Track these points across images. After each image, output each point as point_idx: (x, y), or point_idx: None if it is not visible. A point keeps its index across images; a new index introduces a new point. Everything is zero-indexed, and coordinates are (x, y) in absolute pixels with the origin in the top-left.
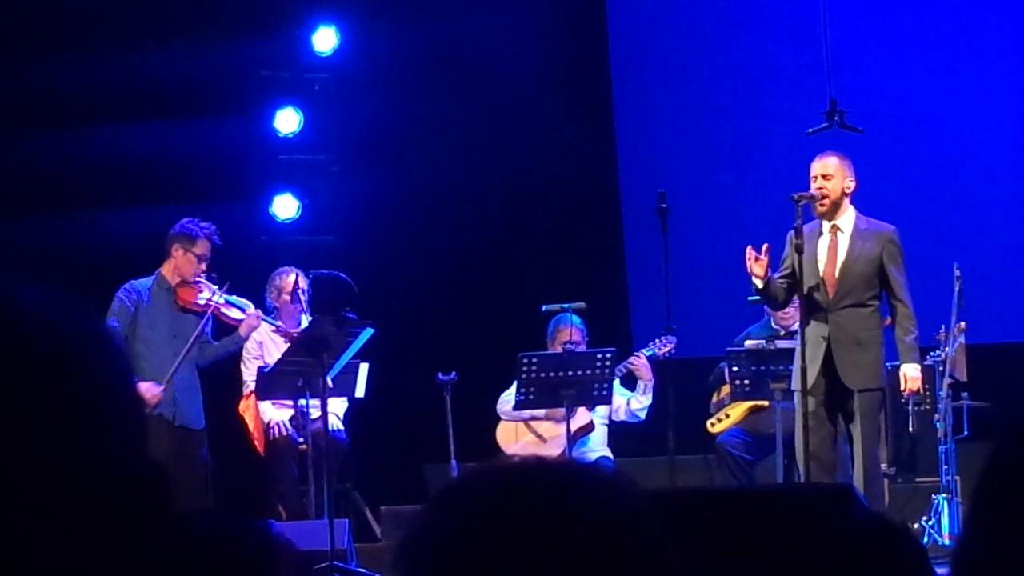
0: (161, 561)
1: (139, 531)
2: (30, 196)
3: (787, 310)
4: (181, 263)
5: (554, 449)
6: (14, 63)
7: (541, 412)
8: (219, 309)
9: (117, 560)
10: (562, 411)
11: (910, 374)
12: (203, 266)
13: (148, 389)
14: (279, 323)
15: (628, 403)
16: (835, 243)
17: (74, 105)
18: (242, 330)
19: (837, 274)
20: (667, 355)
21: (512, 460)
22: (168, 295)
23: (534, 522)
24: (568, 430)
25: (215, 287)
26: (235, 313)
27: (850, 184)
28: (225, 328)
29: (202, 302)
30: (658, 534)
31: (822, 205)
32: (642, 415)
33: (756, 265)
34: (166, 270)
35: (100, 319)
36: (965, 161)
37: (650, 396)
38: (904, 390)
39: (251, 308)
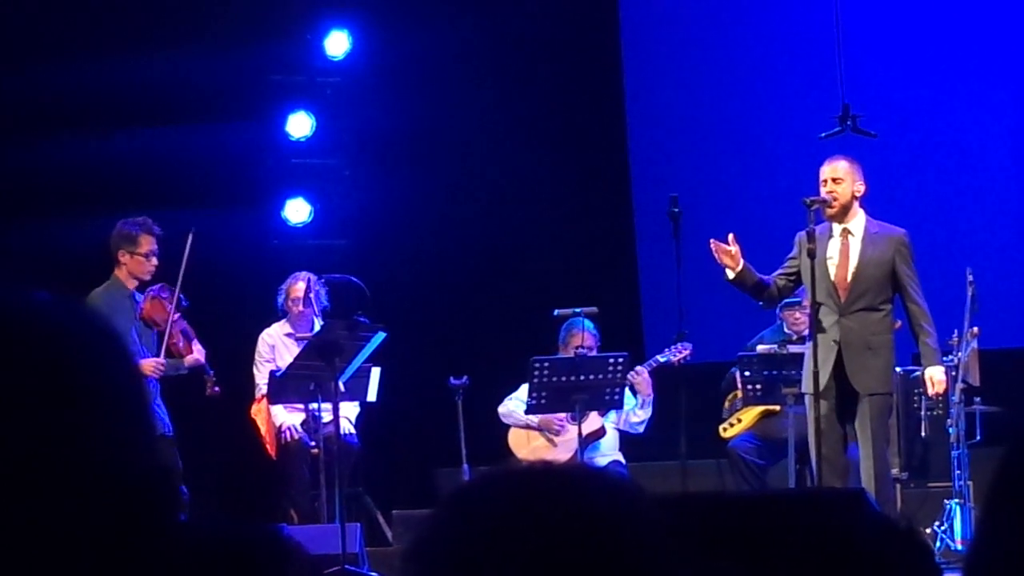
0: (169, 564)
1: (145, 534)
2: (43, 200)
3: (798, 315)
4: (132, 266)
5: (565, 453)
6: (28, 68)
7: (535, 420)
8: (173, 332)
9: (124, 562)
10: (557, 425)
11: (936, 377)
12: (154, 260)
13: (147, 363)
14: (211, 371)
15: (627, 416)
16: (846, 247)
17: (86, 110)
18: (188, 361)
19: (850, 278)
20: (682, 361)
21: (521, 465)
22: (130, 303)
23: (542, 527)
24: (580, 434)
25: (179, 313)
26: (187, 346)
27: (860, 187)
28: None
29: (163, 323)
30: (664, 539)
31: (832, 208)
32: (640, 428)
33: (724, 256)
34: (121, 276)
35: (110, 323)
36: (978, 166)
37: (649, 410)
38: (932, 393)
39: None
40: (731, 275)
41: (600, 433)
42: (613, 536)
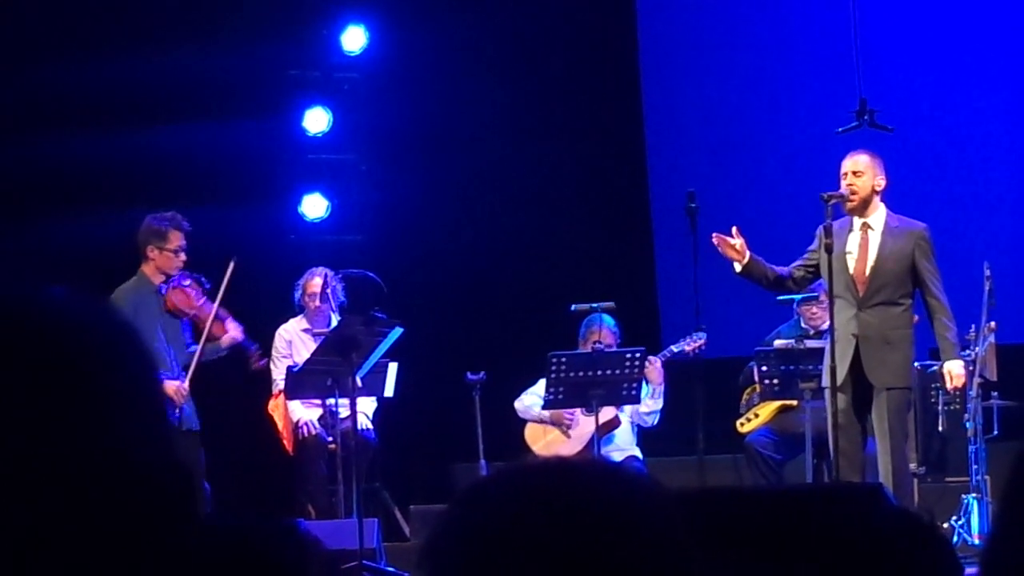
0: (186, 559)
1: (162, 530)
2: (61, 196)
3: (815, 310)
4: (161, 262)
5: (579, 446)
6: (45, 64)
7: (548, 414)
8: (203, 317)
9: (140, 558)
10: (567, 419)
11: (955, 371)
12: (183, 256)
13: (171, 385)
14: (252, 345)
15: (637, 407)
16: (866, 241)
17: (103, 106)
18: (224, 341)
19: (868, 272)
20: (697, 351)
21: (537, 460)
22: (156, 298)
23: (557, 522)
24: (596, 423)
25: (204, 297)
26: (219, 327)
27: (880, 182)
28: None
29: (190, 310)
30: (680, 534)
31: (851, 201)
32: (651, 420)
33: (728, 249)
34: (148, 271)
35: (127, 319)
36: (995, 160)
37: (660, 401)
38: (950, 387)
39: (233, 324)
40: (738, 268)
41: (615, 423)
42: (629, 531)
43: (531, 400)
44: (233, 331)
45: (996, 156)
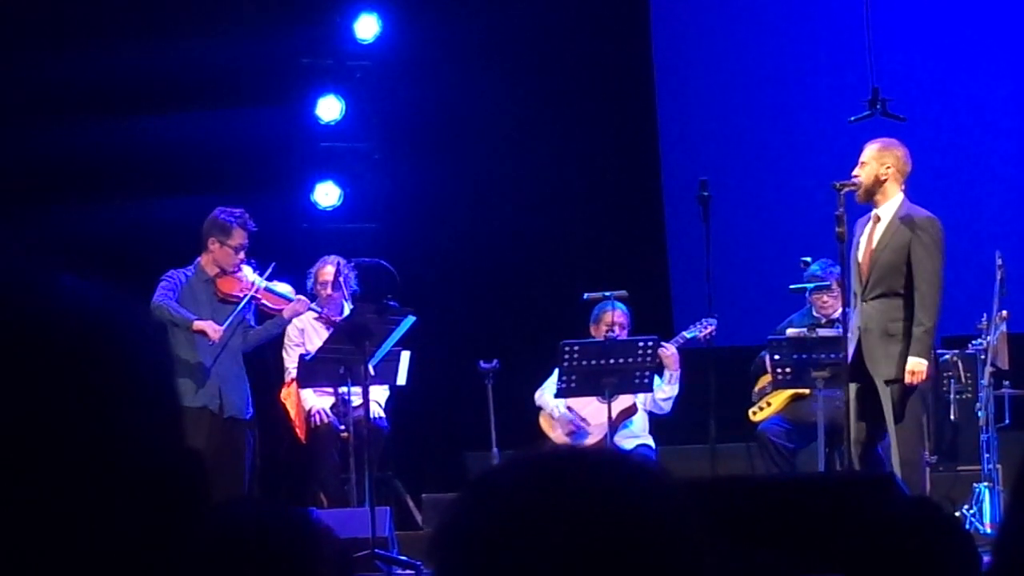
0: (199, 548)
1: (174, 518)
2: (74, 185)
3: (826, 299)
4: (219, 256)
5: (596, 434)
6: (59, 52)
7: (558, 413)
8: (260, 297)
9: (151, 547)
10: (573, 426)
11: (913, 368)
12: (241, 255)
13: (201, 322)
14: (321, 309)
15: (653, 393)
16: (872, 231)
17: (117, 94)
18: (286, 312)
19: (869, 263)
20: (708, 337)
21: (548, 449)
22: (208, 287)
23: (567, 511)
24: (609, 411)
25: (256, 274)
26: (278, 301)
27: (885, 172)
28: (269, 316)
29: (242, 293)
30: (692, 523)
31: (858, 191)
32: (666, 406)
33: None
34: (205, 261)
35: (137, 307)
36: (1008, 149)
37: (676, 387)
38: (907, 382)
39: (295, 294)
40: None
41: (632, 409)
42: (639, 520)
43: (550, 390)
44: (295, 305)
45: (1008, 145)
